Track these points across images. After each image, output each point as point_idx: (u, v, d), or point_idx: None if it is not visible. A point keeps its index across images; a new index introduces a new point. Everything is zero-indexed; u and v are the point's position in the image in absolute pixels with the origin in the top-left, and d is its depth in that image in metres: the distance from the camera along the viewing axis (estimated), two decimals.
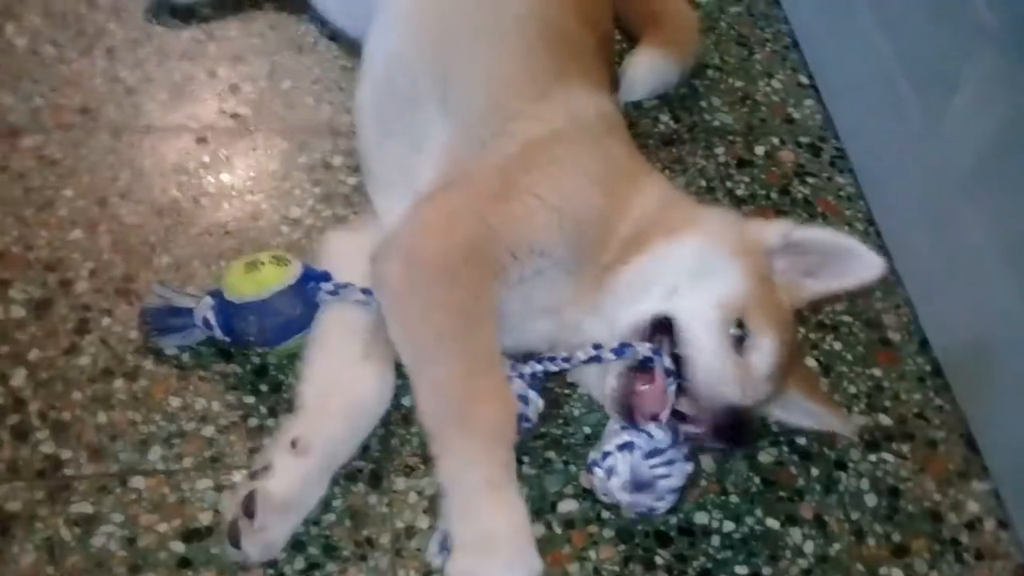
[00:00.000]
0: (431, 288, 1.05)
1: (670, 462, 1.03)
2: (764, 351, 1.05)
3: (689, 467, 1.04)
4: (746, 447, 1.13)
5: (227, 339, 1.12)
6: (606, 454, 1.04)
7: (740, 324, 1.05)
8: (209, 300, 1.11)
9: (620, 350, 1.05)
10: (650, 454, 1.03)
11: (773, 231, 1.12)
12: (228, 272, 1.13)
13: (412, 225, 1.11)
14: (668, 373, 1.03)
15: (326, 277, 1.13)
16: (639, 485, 1.03)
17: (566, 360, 1.08)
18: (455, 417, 1.00)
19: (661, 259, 1.09)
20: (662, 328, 1.06)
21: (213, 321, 1.10)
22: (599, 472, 1.05)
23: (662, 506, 1.05)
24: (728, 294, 1.06)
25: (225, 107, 1.43)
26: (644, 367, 1.05)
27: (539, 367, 1.09)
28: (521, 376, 1.08)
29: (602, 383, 1.09)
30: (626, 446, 1.03)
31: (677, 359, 1.04)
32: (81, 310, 1.18)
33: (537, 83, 1.18)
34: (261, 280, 1.10)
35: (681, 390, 1.04)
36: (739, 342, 1.04)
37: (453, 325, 1.03)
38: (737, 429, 1.04)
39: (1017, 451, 1.15)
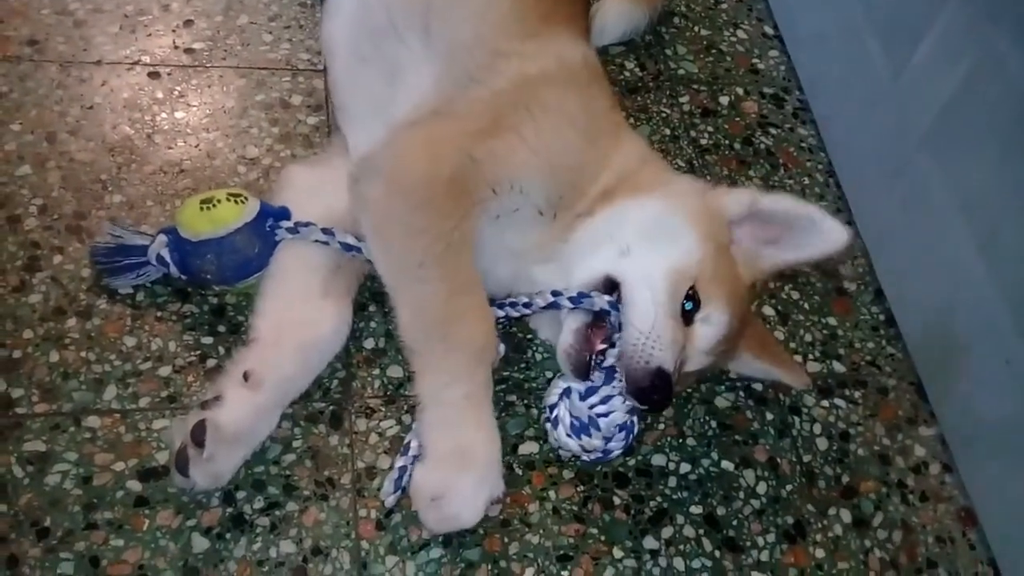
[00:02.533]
0: (414, 214, 1.04)
1: (607, 398, 1.04)
2: (712, 323, 1.05)
3: (628, 403, 1.04)
4: (660, 411, 1.14)
5: (183, 277, 1.10)
6: (551, 407, 1.07)
7: (691, 294, 1.03)
8: (164, 238, 1.09)
9: (579, 299, 1.05)
10: (586, 393, 1.04)
11: (736, 199, 1.09)
12: (183, 209, 1.10)
13: (395, 150, 1.09)
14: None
15: (285, 214, 1.11)
16: (581, 427, 1.04)
17: (527, 306, 1.08)
18: (438, 334, 1.00)
19: (620, 217, 1.08)
20: (611, 287, 1.05)
21: (168, 259, 1.08)
22: (548, 426, 1.07)
23: (615, 447, 1.06)
24: (681, 261, 1.04)
25: (179, 42, 1.39)
26: (598, 319, 1.05)
27: (501, 313, 1.09)
28: None
29: (556, 333, 1.09)
30: (564, 392, 1.06)
31: None
32: (31, 247, 1.14)
33: (526, 23, 1.16)
34: (218, 218, 1.08)
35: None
36: (688, 312, 1.04)
37: (436, 249, 1.02)
38: (655, 393, 1.01)
39: (964, 398, 1.19)
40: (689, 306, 1.04)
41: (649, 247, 1.06)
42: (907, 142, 1.26)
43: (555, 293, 1.06)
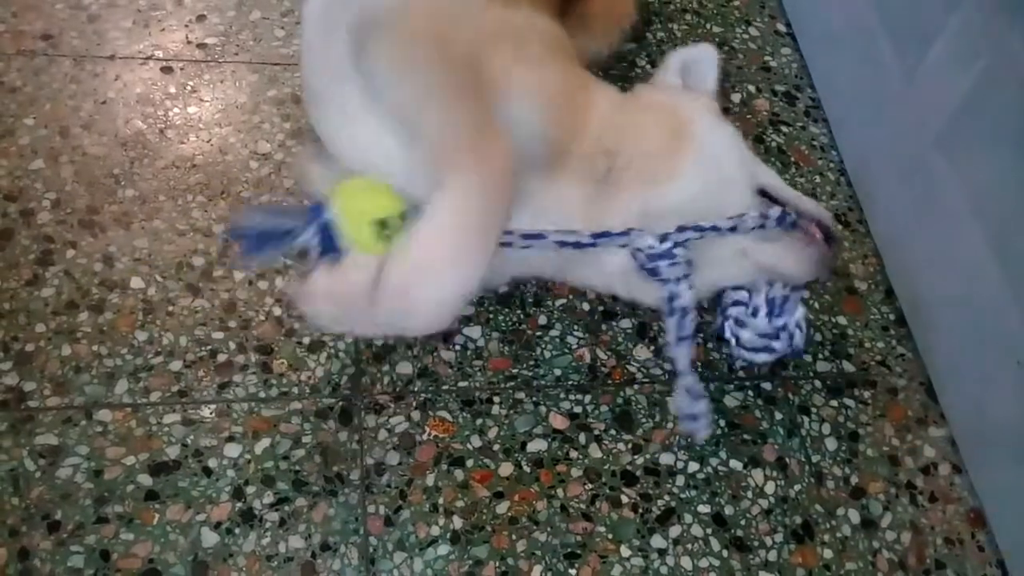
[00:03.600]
0: (432, 55, 0.94)
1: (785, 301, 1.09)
2: None
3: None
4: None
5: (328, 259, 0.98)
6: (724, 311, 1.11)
7: None
8: (313, 229, 0.96)
9: (784, 216, 1.05)
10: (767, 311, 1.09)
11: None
12: (357, 226, 0.95)
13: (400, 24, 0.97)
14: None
15: None
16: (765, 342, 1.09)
17: (732, 228, 1.02)
18: (469, 145, 0.90)
19: None
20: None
21: (317, 244, 0.96)
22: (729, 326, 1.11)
23: (800, 340, 1.11)
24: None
25: (192, 37, 1.39)
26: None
27: (692, 233, 1.01)
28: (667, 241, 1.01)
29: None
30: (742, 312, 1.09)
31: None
32: (44, 241, 1.15)
33: None
34: (392, 245, 1.00)
35: None
36: None
37: (460, 82, 0.93)
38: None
39: (974, 399, 1.18)
40: None
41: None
42: (920, 142, 1.25)
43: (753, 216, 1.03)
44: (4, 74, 1.29)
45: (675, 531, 1.08)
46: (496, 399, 1.13)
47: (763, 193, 1.07)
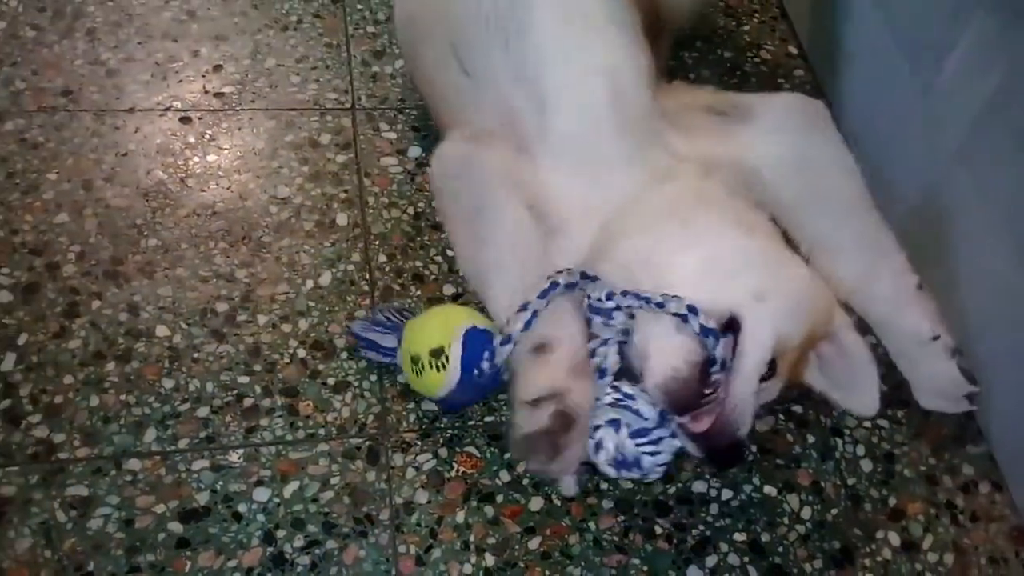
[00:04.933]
0: None
1: (657, 440, 1.00)
2: (767, 393, 1.05)
3: (676, 443, 1.01)
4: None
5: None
6: (595, 427, 1.01)
7: (773, 362, 1.03)
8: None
9: (695, 314, 0.96)
10: (636, 433, 1.00)
11: (843, 317, 1.13)
12: (405, 363, 1.09)
13: None
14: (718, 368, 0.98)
15: (486, 341, 1.05)
16: (625, 463, 1.01)
17: (644, 299, 0.99)
18: None
19: (768, 263, 1.06)
20: (728, 327, 0.99)
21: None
22: (590, 444, 1.02)
23: (652, 477, 1.04)
24: (793, 335, 1.03)
25: (209, 87, 1.41)
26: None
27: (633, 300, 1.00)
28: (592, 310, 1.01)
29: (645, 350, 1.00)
30: (613, 423, 1.00)
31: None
32: (69, 293, 1.16)
33: None
34: (424, 386, 1.08)
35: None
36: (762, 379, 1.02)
37: None
38: (733, 462, 1.06)
39: (1012, 414, 1.16)
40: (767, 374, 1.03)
41: (783, 308, 1.03)
42: (940, 157, 1.24)
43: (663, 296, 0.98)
44: (26, 131, 1.31)
45: (711, 561, 1.06)
46: None
47: (731, 323, 1.00)
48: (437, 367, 1.05)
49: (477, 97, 1.16)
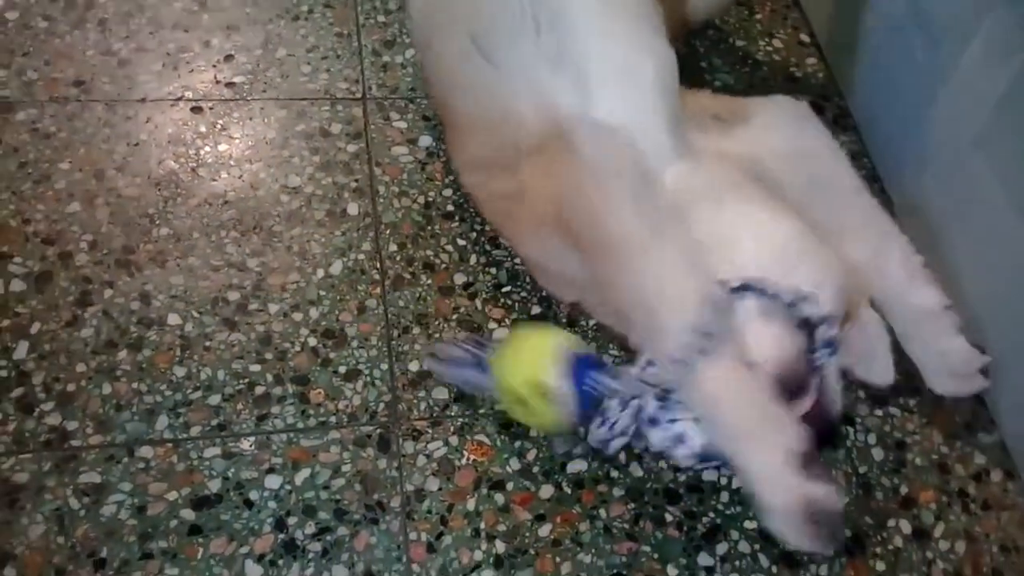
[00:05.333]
0: None
1: (681, 435, 1.00)
2: None
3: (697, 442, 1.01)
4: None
5: None
6: (671, 420, 0.99)
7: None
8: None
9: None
10: (657, 422, 1.00)
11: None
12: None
13: None
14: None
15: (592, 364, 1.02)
16: (707, 456, 1.00)
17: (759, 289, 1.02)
18: None
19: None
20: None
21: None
22: (596, 420, 1.01)
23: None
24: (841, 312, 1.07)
25: (220, 77, 1.42)
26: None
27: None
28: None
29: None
30: (637, 412, 0.99)
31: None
32: (82, 282, 1.17)
33: None
34: (538, 423, 1.06)
35: None
36: None
37: None
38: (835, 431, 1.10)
39: None
40: None
41: (838, 289, 1.06)
42: (959, 143, 1.23)
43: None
44: (39, 121, 1.32)
45: (722, 548, 1.06)
46: None
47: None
48: (548, 401, 1.00)
49: (507, 88, 1.16)
